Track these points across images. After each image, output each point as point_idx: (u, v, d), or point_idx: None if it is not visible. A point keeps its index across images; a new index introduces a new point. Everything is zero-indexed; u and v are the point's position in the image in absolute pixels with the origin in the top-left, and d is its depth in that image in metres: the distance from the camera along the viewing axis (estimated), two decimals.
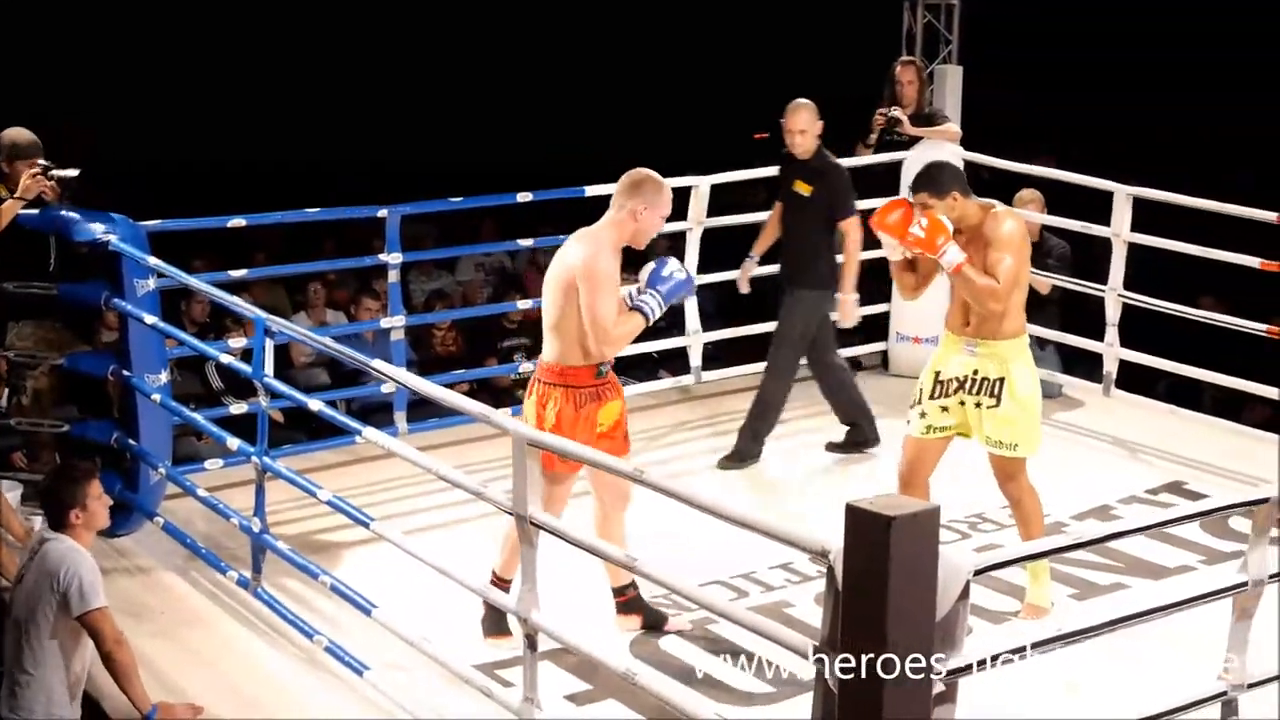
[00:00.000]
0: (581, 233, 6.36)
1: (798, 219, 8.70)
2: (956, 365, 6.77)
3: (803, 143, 8.58)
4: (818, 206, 8.61)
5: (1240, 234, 9.51)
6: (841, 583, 3.94)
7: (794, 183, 8.68)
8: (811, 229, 8.64)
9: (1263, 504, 4.83)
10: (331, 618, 6.69)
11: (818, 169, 8.64)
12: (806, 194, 8.63)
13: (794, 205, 8.70)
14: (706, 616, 6.56)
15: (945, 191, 6.66)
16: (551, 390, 6.23)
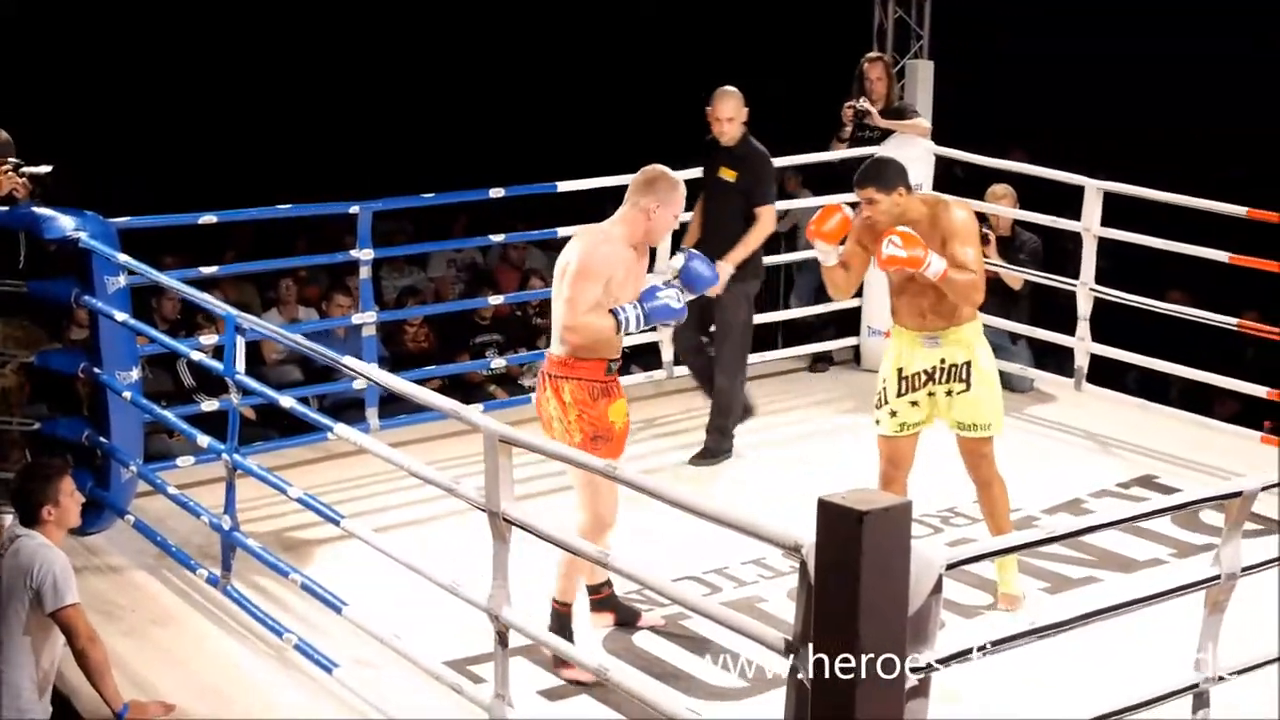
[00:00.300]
0: (591, 229, 6.37)
1: (723, 206, 8.66)
2: (920, 359, 6.78)
3: (730, 130, 8.56)
4: (742, 193, 8.61)
5: (1210, 228, 9.53)
6: (814, 578, 3.93)
7: (719, 169, 8.67)
8: (738, 215, 8.60)
9: (1235, 497, 4.84)
10: (302, 615, 6.68)
11: (742, 155, 8.62)
12: (732, 180, 8.62)
13: (719, 192, 8.67)
14: (679, 612, 6.56)
15: (891, 187, 6.65)
16: (563, 383, 6.20)
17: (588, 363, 6.17)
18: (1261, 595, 5.66)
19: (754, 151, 8.65)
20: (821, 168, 10.56)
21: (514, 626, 5.28)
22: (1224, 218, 8.92)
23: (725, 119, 8.55)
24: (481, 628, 5.46)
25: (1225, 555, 4.86)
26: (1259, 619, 5.70)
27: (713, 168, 8.71)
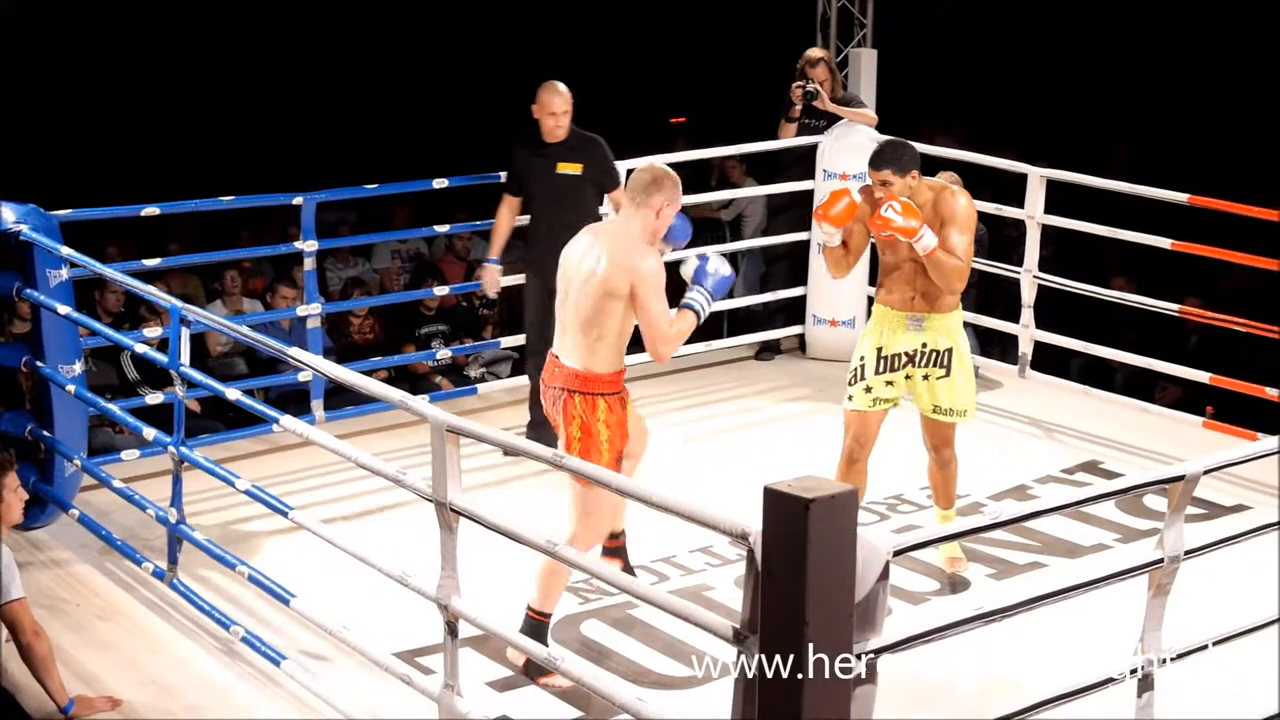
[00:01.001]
0: (603, 232, 6.20)
1: (571, 202, 8.35)
2: (903, 341, 6.83)
3: (565, 124, 8.36)
4: (589, 184, 8.44)
5: (1152, 215, 9.60)
6: (761, 565, 3.94)
7: (557, 166, 8.38)
8: (589, 209, 8.43)
9: (1177, 482, 4.87)
10: (249, 608, 6.66)
11: (580, 146, 8.43)
12: (578, 173, 8.39)
13: (564, 190, 8.39)
14: (627, 601, 6.57)
15: (906, 171, 6.70)
16: (596, 400, 6.06)
17: (613, 375, 6.10)
18: (1204, 578, 5.70)
19: (592, 139, 8.48)
20: (766, 156, 10.58)
21: (463, 617, 5.27)
22: (1166, 204, 8.98)
23: (562, 113, 8.32)
24: (430, 618, 5.45)
25: (1168, 539, 4.89)
26: (1202, 602, 5.76)
27: (546, 166, 8.41)
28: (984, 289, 10.27)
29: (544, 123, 8.34)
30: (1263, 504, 7.67)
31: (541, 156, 8.40)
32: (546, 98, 8.32)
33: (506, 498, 7.84)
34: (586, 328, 6.02)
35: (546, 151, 8.39)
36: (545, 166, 8.39)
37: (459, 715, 5.31)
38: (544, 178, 8.40)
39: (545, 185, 8.41)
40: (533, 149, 8.43)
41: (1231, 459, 5.20)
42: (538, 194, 8.45)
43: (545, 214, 8.41)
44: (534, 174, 8.43)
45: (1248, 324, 8.67)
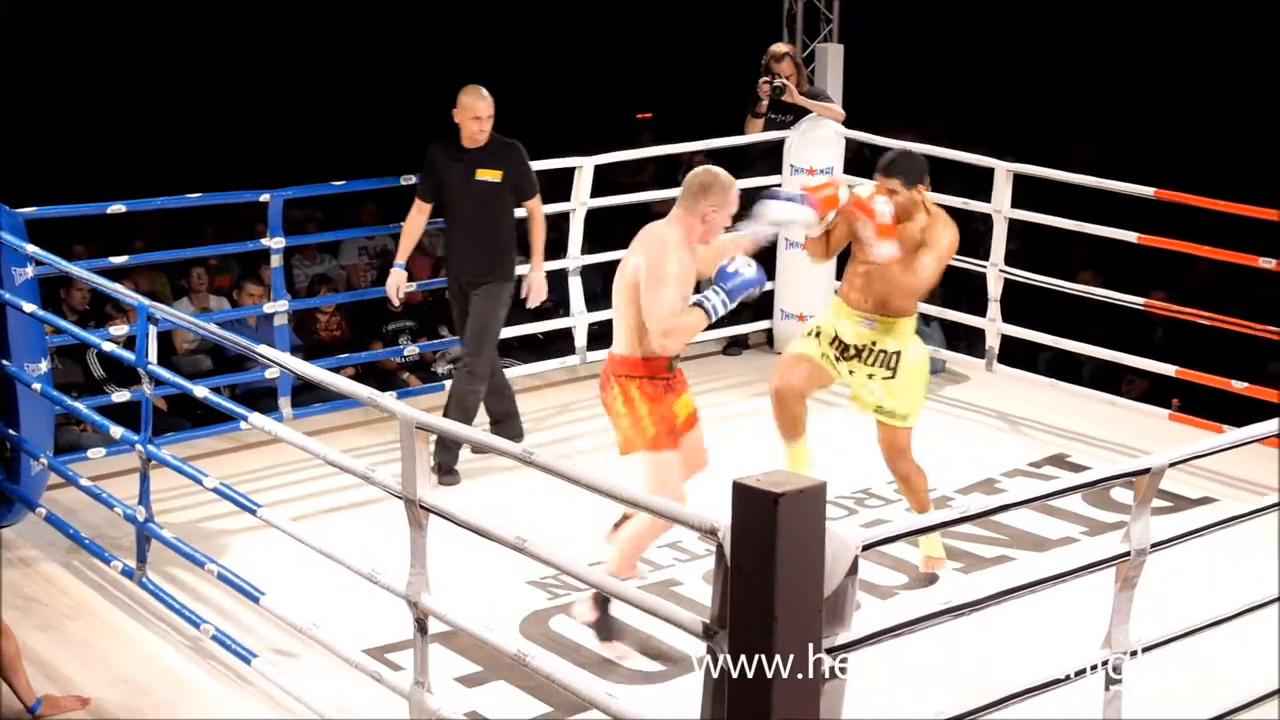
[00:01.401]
0: (647, 234, 6.27)
1: (491, 210, 8.27)
2: (854, 335, 6.91)
3: (488, 130, 8.18)
4: (508, 190, 8.28)
5: (1118, 209, 9.63)
6: (730, 560, 3.95)
7: (476, 172, 8.19)
8: (507, 216, 8.35)
9: (1143, 474, 4.89)
10: (219, 606, 6.65)
11: (500, 152, 8.26)
12: (498, 179, 8.21)
13: (482, 196, 8.22)
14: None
15: (913, 184, 6.83)
16: (629, 382, 6.22)
17: (651, 360, 6.20)
18: (1171, 570, 5.72)
19: (511, 145, 8.31)
20: (732, 152, 10.58)
21: (433, 613, 5.27)
22: (1132, 198, 9.01)
23: (486, 117, 8.14)
24: (400, 615, 5.45)
25: (1135, 532, 4.91)
26: (1169, 594, 5.78)
27: (465, 172, 8.22)
28: (951, 283, 10.29)
29: (467, 127, 8.16)
30: (1229, 496, 7.70)
31: (460, 162, 8.22)
32: (471, 102, 8.14)
33: (476, 493, 7.83)
34: (624, 317, 6.20)
35: (466, 157, 8.22)
36: (464, 173, 8.21)
37: (429, 712, 5.31)
38: (462, 184, 8.23)
39: (464, 192, 8.24)
40: (451, 154, 8.25)
41: (1197, 451, 5.23)
42: (455, 200, 8.28)
43: (463, 221, 8.29)
44: (452, 180, 8.24)
45: (1213, 317, 8.70)
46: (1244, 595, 5.47)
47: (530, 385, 9.64)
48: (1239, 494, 7.69)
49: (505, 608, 6.64)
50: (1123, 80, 17.58)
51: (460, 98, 8.15)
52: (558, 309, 10.17)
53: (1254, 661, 5.84)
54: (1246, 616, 5.41)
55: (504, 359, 10.89)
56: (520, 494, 7.48)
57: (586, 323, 9.62)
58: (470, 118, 8.12)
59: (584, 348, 9.61)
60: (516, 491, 7.55)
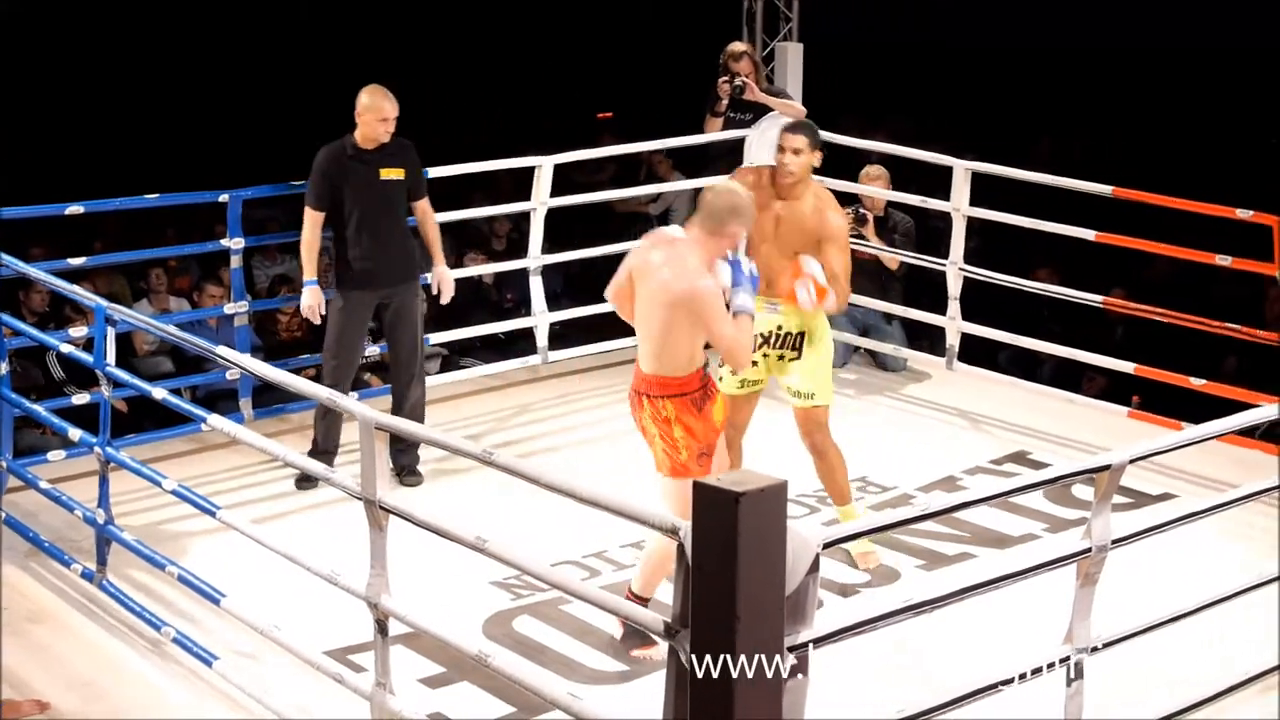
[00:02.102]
0: (671, 250, 6.04)
1: (393, 211, 8.10)
2: (760, 323, 6.93)
3: (391, 129, 7.96)
4: (407, 189, 8.12)
5: (1075, 207, 9.66)
6: (691, 559, 3.96)
7: (380, 172, 7.98)
8: (404, 214, 8.18)
9: (1104, 471, 4.91)
10: (180, 608, 6.63)
11: (399, 151, 8.07)
12: (401, 178, 8.03)
13: (388, 196, 8.04)
14: (559, 596, 6.57)
15: (815, 147, 7.05)
16: (664, 402, 6.07)
17: (683, 377, 6.05)
18: (1131, 566, 5.75)
19: (407, 144, 8.12)
20: (693, 150, 10.59)
21: (393, 615, 5.26)
22: (1090, 196, 9.04)
23: (393, 119, 7.93)
24: (361, 617, 5.45)
25: (1095, 528, 4.94)
26: (1130, 590, 5.80)
27: (369, 173, 7.98)
28: (910, 282, 10.32)
29: (371, 128, 7.92)
30: (1188, 492, 7.74)
31: (363, 163, 7.97)
32: (379, 103, 7.92)
33: (436, 494, 7.83)
34: (654, 339, 6.03)
35: (367, 157, 7.98)
36: (368, 173, 7.98)
37: (391, 713, 5.30)
38: (367, 185, 7.98)
39: (368, 193, 7.99)
40: (351, 156, 7.98)
41: (1157, 448, 5.25)
42: (359, 202, 7.99)
43: (368, 222, 8.02)
44: (354, 181, 7.96)
45: (1172, 315, 8.74)
46: (1204, 591, 5.49)
47: (492, 385, 9.63)
48: (1198, 490, 7.72)
49: (468, 608, 6.63)
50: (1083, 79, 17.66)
51: (366, 98, 7.94)
52: (519, 309, 10.16)
53: (1214, 657, 5.87)
54: (1206, 612, 5.43)
55: (464, 359, 10.91)
56: (481, 495, 7.48)
57: (548, 322, 9.61)
58: (378, 119, 7.91)
59: (545, 347, 9.60)
60: (477, 492, 7.55)
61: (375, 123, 7.91)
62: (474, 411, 9.27)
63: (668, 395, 6.07)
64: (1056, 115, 17.07)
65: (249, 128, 17.28)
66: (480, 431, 8.91)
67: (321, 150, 8.02)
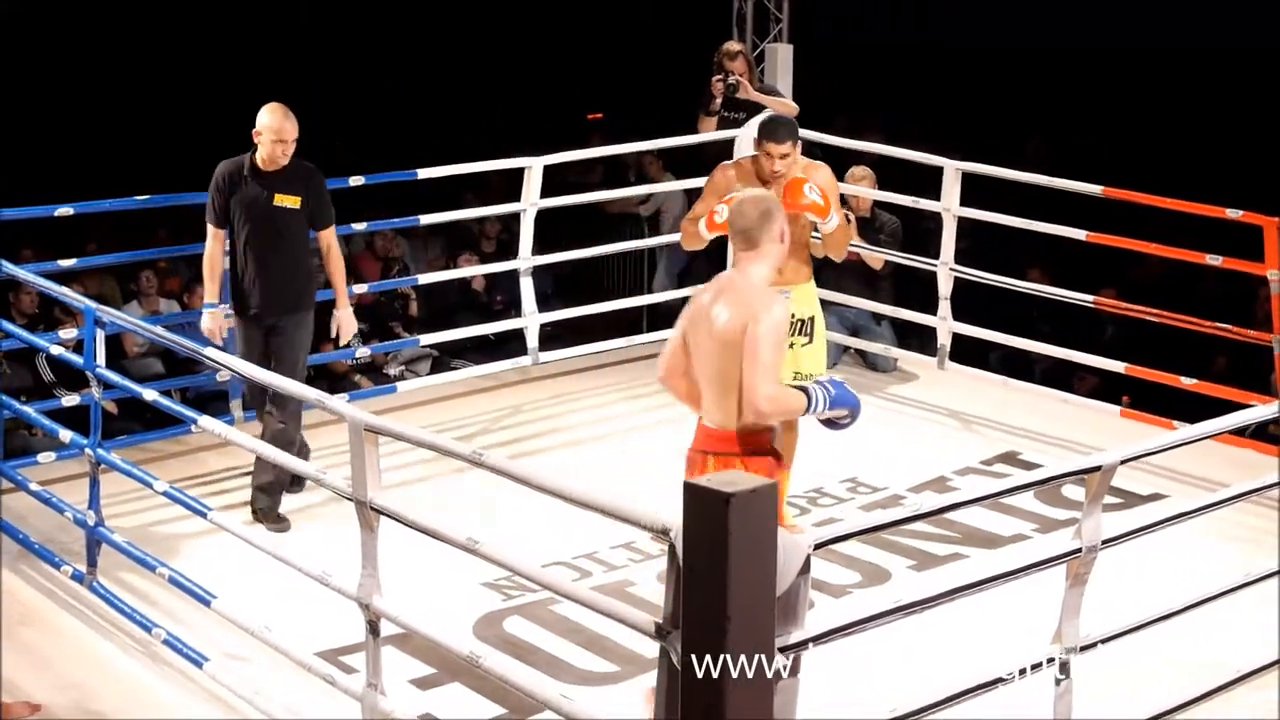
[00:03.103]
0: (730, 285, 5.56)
1: (289, 239, 7.62)
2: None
3: (291, 152, 7.54)
4: (305, 217, 7.65)
5: (1067, 207, 9.66)
6: (683, 560, 3.96)
7: (275, 197, 7.52)
8: (305, 243, 7.71)
9: (1095, 471, 4.92)
10: (170, 610, 6.62)
11: (299, 177, 7.61)
12: (296, 206, 7.56)
13: (280, 223, 7.57)
14: (549, 597, 6.57)
15: (798, 141, 7.05)
16: (735, 461, 5.47)
17: (757, 434, 5.53)
18: (1122, 566, 5.75)
19: (311, 170, 7.68)
20: (682, 151, 10.60)
21: (385, 615, 5.26)
22: (1081, 196, 9.05)
23: (293, 140, 7.49)
24: (352, 618, 5.44)
25: (1086, 529, 4.94)
26: (1121, 590, 5.81)
27: (263, 197, 7.53)
28: (901, 281, 10.33)
29: (270, 149, 7.46)
30: (1179, 492, 7.74)
31: (258, 185, 7.53)
32: (279, 123, 7.46)
33: (427, 495, 7.82)
34: (717, 383, 5.52)
35: (264, 180, 7.53)
36: (261, 197, 7.53)
37: (382, 714, 5.30)
38: (259, 208, 7.54)
39: (259, 217, 7.56)
40: (247, 176, 7.55)
41: (1148, 449, 5.25)
42: (249, 226, 7.57)
43: (255, 248, 7.59)
44: (247, 204, 7.53)
45: (1162, 314, 8.74)
46: (1193, 590, 5.49)
47: (483, 386, 9.63)
48: (1189, 490, 7.72)
49: (459, 609, 6.63)
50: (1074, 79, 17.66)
51: (265, 117, 7.49)
52: (509, 309, 10.16)
53: (1203, 656, 5.88)
54: (1196, 611, 5.43)
55: (455, 360, 10.91)
56: (472, 496, 7.47)
57: (538, 323, 9.61)
58: (275, 140, 7.44)
59: (536, 348, 9.59)
60: (468, 493, 7.54)
61: (272, 144, 7.46)
62: (465, 412, 9.27)
63: (739, 453, 5.52)
64: (1047, 115, 17.07)
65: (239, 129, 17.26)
66: (471, 432, 8.91)
67: (221, 163, 7.65)
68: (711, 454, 5.56)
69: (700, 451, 5.61)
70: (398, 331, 11.43)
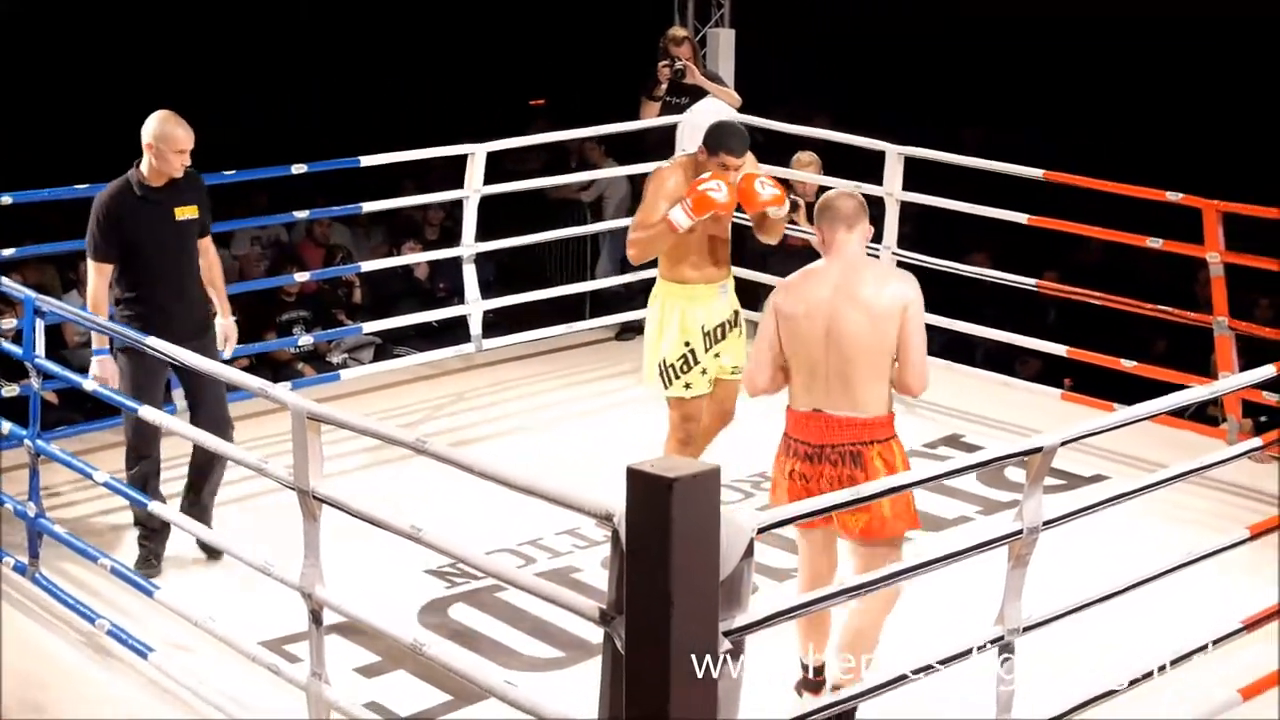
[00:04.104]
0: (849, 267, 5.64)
1: (187, 250, 7.03)
2: (719, 311, 7.04)
3: (188, 162, 6.98)
4: (196, 227, 7.10)
5: (1007, 192, 9.70)
6: (625, 546, 3.96)
7: (175, 211, 6.94)
8: (196, 254, 7.12)
9: (1036, 453, 4.93)
10: (113, 600, 6.59)
11: (191, 186, 7.04)
12: (195, 215, 7.03)
13: (183, 237, 7.00)
14: (494, 584, 6.57)
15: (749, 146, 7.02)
16: (890, 447, 5.55)
17: (891, 414, 5.61)
18: (1064, 547, 5.78)
19: (198, 176, 7.13)
20: (625, 137, 10.59)
21: (328, 604, 5.25)
22: (1022, 180, 9.08)
23: (190, 148, 6.92)
24: (296, 607, 5.43)
25: (1027, 510, 4.96)
26: (1062, 570, 5.84)
27: (162, 213, 6.93)
28: None
29: (167, 162, 6.84)
30: (1119, 473, 7.79)
31: (155, 203, 6.91)
32: (174, 131, 6.86)
33: (370, 484, 7.80)
34: (867, 367, 5.51)
35: (158, 196, 6.92)
36: (161, 214, 6.92)
37: (327, 703, 5.29)
38: (161, 226, 6.92)
39: (162, 235, 6.93)
40: (140, 196, 6.90)
41: (1088, 430, 5.27)
42: (153, 248, 6.91)
43: (165, 270, 6.94)
44: (152, 226, 6.90)
45: (1103, 297, 8.79)
46: (1134, 570, 5.52)
47: (426, 374, 9.62)
48: (1129, 471, 7.77)
49: (403, 597, 6.62)
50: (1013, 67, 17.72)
51: (160, 126, 6.87)
52: (453, 297, 10.14)
53: (1144, 636, 5.91)
54: (1136, 591, 5.46)
55: (398, 347, 10.89)
56: (416, 483, 7.46)
57: (481, 310, 9.59)
58: (174, 150, 6.83)
59: (479, 335, 9.58)
60: (412, 481, 7.53)
61: (172, 155, 6.84)
62: (408, 400, 9.26)
63: (890, 437, 5.56)
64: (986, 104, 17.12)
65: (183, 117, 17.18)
66: (415, 420, 8.90)
67: (103, 194, 6.96)
68: (876, 443, 5.51)
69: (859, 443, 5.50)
70: (341, 319, 11.40)
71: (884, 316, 5.50)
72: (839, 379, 5.50)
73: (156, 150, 6.84)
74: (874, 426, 5.52)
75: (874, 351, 5.49)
